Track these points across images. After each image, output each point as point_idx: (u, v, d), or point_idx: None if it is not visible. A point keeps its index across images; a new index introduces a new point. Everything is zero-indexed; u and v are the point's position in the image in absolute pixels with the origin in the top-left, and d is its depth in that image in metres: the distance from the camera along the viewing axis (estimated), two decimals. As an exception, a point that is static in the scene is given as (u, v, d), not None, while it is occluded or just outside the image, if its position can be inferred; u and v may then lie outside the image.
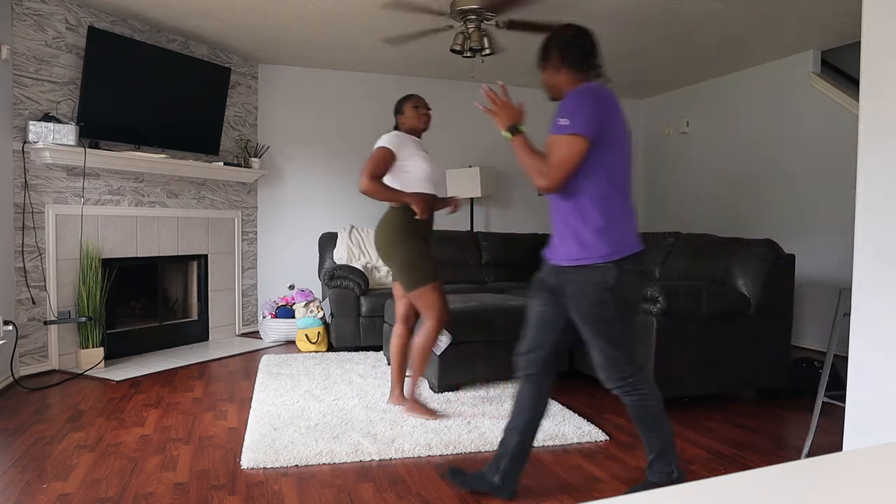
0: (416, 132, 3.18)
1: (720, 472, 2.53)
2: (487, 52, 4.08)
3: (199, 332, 5.10)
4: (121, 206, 4.46)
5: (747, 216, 5.67)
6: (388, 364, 4.24)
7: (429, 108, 3.20)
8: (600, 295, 2.01)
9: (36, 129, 3.82)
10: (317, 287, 5.67)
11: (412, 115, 3.15)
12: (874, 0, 2.01)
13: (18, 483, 2.33)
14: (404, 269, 2.99)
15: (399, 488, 2.31)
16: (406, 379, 3.24)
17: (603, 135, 1.99)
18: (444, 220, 6.30)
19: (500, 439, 2.25)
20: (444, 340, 3.46)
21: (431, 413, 3.09)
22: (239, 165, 5.19)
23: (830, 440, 2.84)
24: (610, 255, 1.99)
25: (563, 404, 3.37)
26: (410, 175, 3.04)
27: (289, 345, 5.01)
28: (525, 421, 2.20)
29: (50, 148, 3.86)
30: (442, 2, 3.96)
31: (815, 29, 4.56)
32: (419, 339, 3.06)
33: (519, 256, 5.83)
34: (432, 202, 3.09)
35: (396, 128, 3.21)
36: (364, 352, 4.65)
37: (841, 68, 5.44)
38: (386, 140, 3.05)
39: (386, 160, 3.00)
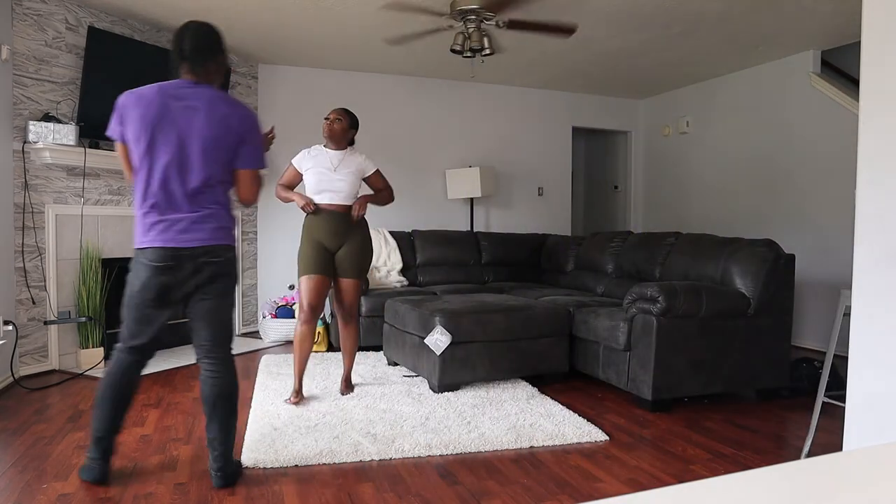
0: (330, 142, 3.43)
1: (720, 472, 2.53)
2: (487, 52, 4.08)
3: (199, 332, 5.09)
4: (121, 206, 4.46)
5: (747, 216, 5.67)
6: (388, 364, 4.25)
7: (327, 118, 3.41)
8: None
9: (36, 129, 3.82)
10: (317, 287, 5.67)
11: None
12: (874, 0, 2.01)
13: (18, 483, 2.33)
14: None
15: (399, 488, 2.31)
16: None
17: (129, 135, 2.19)
18: (444, 221, 6.31)
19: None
20: (444, 340, 3.46)
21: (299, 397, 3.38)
22: (239, 165, 5.19)
23: (830, 440, 2.84)
24: (136, 244, 2.26)
25: (563, 404, 3.37)
26: (306, 187, 3.44)
27: (289, 345, 5.00)
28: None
29: (50, 148, 3.86)
30: (442, 2, 3.96)
31: (815, 29, 4.56)
32: None
33: (519, 256, 5.83)
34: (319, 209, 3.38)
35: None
36: (364, 352, 4.65)
37: (841, 68, 5.45)
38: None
39: (288, 172, 3.53)
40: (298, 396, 3.35)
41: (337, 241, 3.37)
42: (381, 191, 3.51)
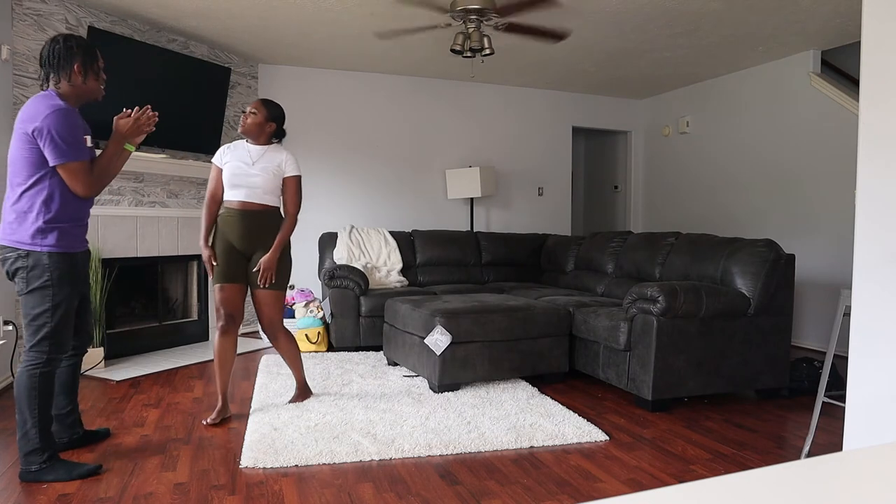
0: (247, 137, 3.17)
1: (720, 472, 2.53)
2: (487, 52, 4.08)
3: (199, 332, 5.10)
4: (121, 206, 4.45)
5: (748, 216, 5.67)
6: (388, 364, 4.25)
7: (244, 111, 3.14)
8: None
9: (36, 129, 3.81)
10: (317, 287, 5.67)
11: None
12: (874, 0, 2.01)
13: (18, 483, 2.33)
14: None
15: (399, 488, 2.31)
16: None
17: None
18: (444, 221, 6.31)
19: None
20: (444, 340, 3.46)
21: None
22: (239, 165, 5.19)
23: (830, 440, 2.84)
24: None
25: (563, 404, 3.38)
26: (225, 180, 3.14)
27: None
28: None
29: (50, 148, 3.86)
30: (443, 1, 3.96)
31: (815, 29, 4.56)
32: None
33: (519, 256, 5.83)
34: (239, 209, 3.09)
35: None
36: (364, 352, 4.66)
37: (841, 68, 5.45)
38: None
39: (211, 174, 3.18)
40: (218, 415, 3.02)
41: (250, 244, 3.10)
42: (287, 209, 3.18)
